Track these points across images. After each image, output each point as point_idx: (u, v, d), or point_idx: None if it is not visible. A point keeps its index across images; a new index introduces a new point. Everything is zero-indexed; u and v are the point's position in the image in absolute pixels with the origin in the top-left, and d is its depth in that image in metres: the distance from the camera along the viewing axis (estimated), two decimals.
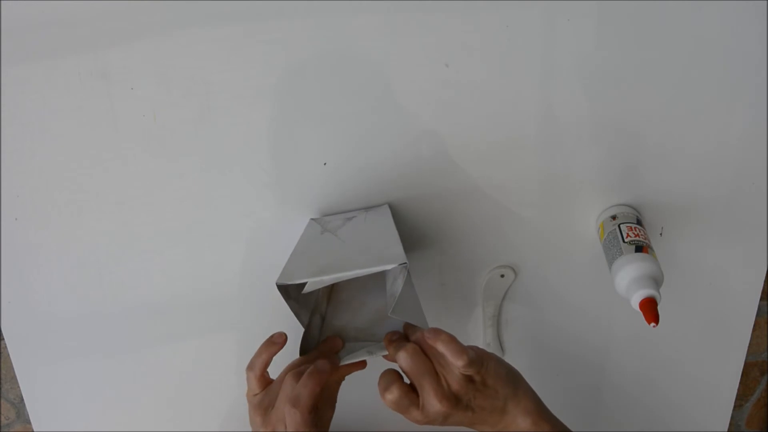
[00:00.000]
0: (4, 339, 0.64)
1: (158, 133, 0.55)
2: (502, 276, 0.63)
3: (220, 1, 0.51)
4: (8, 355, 0.63)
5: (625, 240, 0.56)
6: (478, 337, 0.67)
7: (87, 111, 0.54)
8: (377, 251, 0.50)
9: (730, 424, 0.75)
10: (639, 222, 0.58)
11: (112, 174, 0.57)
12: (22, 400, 0.67)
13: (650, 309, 0.51)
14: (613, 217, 0.59)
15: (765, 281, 0.66)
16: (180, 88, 0.54)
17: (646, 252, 0.55)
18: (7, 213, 0.57)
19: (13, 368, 0.63)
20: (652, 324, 0.50)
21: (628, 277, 0.53)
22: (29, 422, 0.66)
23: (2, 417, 0.72)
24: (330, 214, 0.60)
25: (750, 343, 0.69)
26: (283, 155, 0.57)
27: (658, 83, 0.56)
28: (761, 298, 0.67)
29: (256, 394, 0.53)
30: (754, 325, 0.68)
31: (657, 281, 0.53)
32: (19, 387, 0.64)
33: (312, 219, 0.59)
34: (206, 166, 0.57)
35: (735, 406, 0.73)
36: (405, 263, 0.47)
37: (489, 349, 0.67)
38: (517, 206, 0.61)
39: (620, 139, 0.58)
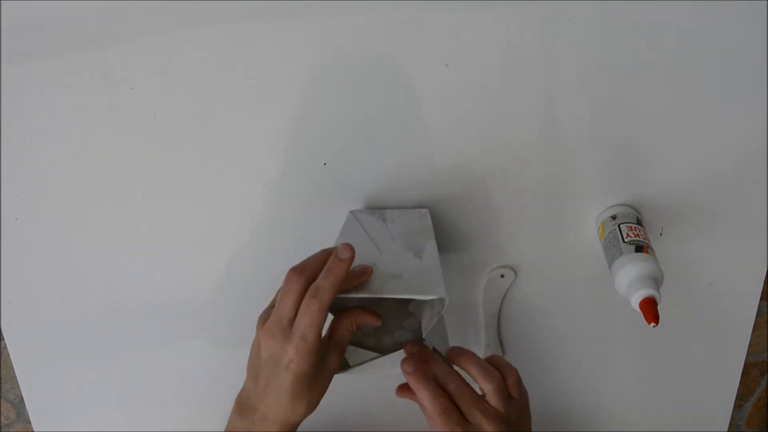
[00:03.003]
0: (4, 339, 0.64)
1: (158, 133, 0.55)
2: (502, 276, 0.63)
3: (220, 1, 0.51)
4: (8, 355, 0.63)
5: (625, 240, 0.56)
6: (479, 337, 0.67)
7: (87, 111, 0.54)
8: (416, 276, 0.49)
9: (730, 424, 0.75)
10: (639, 222, 0.58)
11: (112, 174, 0.57)
12: (22, 400, 0.67)
13: (650, 309, 0.51)
14: (613, 217, 0.59)
15: (765, 281, 0.66)
16: (180, 88, 0.54)
17: (646, 252, 0.55)
18: (7, 213, 0.57)
19: (13, 368, 0.63)
20: (652, 324, 0.50)
21: (628, 277, 0.53)
22: (29, 422, 0.66)
23: (2, 417, 0.72)
24: (370, 207, 0.59)
25: (750, 343, 0.69)
26: (283, 155, 0.57)
27: (658, 83, 0.56)
28: (761, 298, 0.67)
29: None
30: (754, 325, 0.68)
31: (657, 281, 0.53)
32: (19, 387, 0.65)
33: (351, 212, 0.58)
34: (206, 165, 0.57)
35: (735, 406, 0.73)
36: (444, 298, 0.46)
37: (489, 350, 0.67)
38: (517, 206, 0.61)
39: (620, 139, 0.58)
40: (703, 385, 0.72)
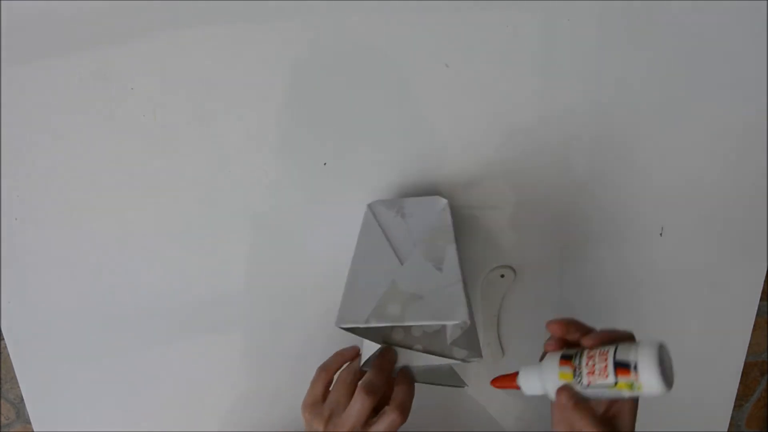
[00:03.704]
0: (4, 339, 0.64)
1: (158, 133, 0.55)
2: (502, 276, 0.63)
3: (220, 1, 0.51)
4: (8, 355, 0.63)
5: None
6: (479, 337, 0.67)
7: (87, 111, 0.54)
8: (438, 297, 0.49)
9: (730, 424, 0.75)
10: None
11: (112, 174, 0.57)
12: (22, 400, 0.67)
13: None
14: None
15: (765, 281, 0.66)
16: (180, 88, 0.54)
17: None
18: (7, 213, 0.57)
19: (13, 368, 0.63)
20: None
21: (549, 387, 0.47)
22: (29, 422, 0.66)
23: (2, 417, 0.72)
24: (386, 198, 0.59)
25: (750, 343, 0.69)
26: (284, 155, 0.57)
27: (658, 83, 0.56)
28: (761, 298, 0.67)
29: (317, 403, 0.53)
30: (754, 325, 0.68)
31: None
32: (19, 387, 0.65)
33: (368, 206, 0.57)
34: (206, 165, 0.57)
35: (735, 406, 0.73)
36: (466, 322, 0.47)
37: (489, 349, 0.67)
38: (517, 206, 0.61)
39: (620, 139, 0.58)
40: (703, 385, 0.72)
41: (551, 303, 0.66)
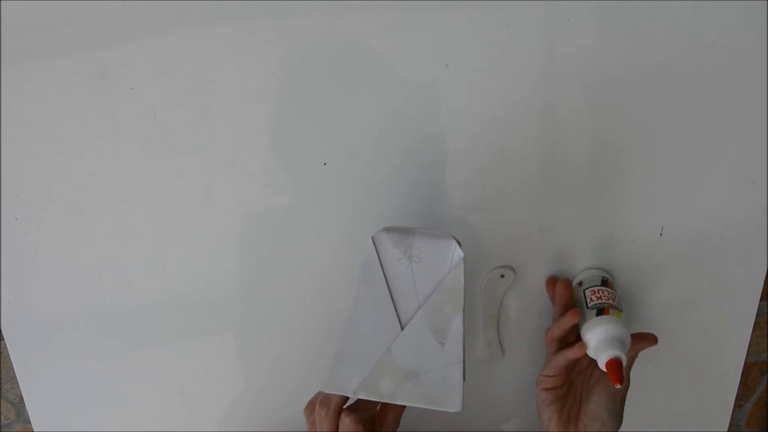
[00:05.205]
0: (4, 339, 0.64)
1: (158, 133, 0.55)
2: (502, 276, 0.63)
3: (220, 1, 0.51)
4: (8, 355, 0.63)
5: (589, 305, 0.58)
6: (478, 337, 0.67)
7: (87, 111, 0.54)
8: (433, 380, 0.47)
9: (730, 424, 0.75)
10: (604, 282, 0.60)
11: (112, 174, 0.57)
12: (22, 400, 0.67)
13: (614, 369, 0.52)
14: (580, 284, 0.61)
15: (765, 281, 0.66)
16: (180, 88, 0.54)
17: (607, 313, 0.56)
18: (7, 213, 0.57)
19: (13, 368, 0.63)
20: (617, 385, 0.51)
21: (594, 341, 0.55)
22: (29, 422, 0.66)
23: (2, 417, 0.72)
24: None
25: (750, 343, 0.69)
26: (283, 155, 0.57)
27: (657, 83, 0.56)
28: (761, 298, 0.67)
29: None
30: (754, 325, 0.68)
31: (619, 340, 0.54)
32: (19, 387, 0.65)
33: (372, 239, 0.51)
34: (206, 166, 0.57)
35: (735, 406, 0.73)
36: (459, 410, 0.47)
37: (489, 349, 0.67)
38: (517, 206, 0.61)
39: (620, 139, 0.58)
40: (703, 385, 0.72)
41: (551, 303, 0.66)
